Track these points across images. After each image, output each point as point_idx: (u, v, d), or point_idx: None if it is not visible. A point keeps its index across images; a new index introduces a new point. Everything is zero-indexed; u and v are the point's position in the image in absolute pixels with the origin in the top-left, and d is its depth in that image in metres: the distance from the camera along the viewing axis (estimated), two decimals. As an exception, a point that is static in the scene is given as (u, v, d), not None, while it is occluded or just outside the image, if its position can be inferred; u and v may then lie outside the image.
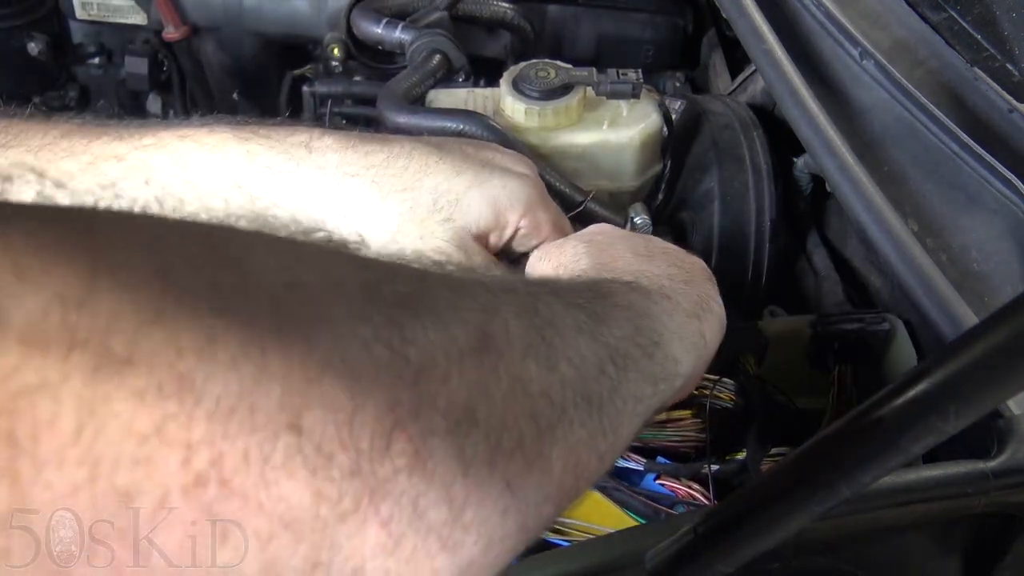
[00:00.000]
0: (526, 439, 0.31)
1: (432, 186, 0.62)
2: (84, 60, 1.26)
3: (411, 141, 0.65)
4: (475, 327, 0.31)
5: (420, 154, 0.63)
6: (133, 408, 0.21)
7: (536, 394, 0.32)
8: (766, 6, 0.89)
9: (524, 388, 0.32)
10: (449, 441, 0.27)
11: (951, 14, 0.81)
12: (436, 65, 0.90)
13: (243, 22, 1.18)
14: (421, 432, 0.26)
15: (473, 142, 0.72)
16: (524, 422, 0.31)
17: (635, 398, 0.40)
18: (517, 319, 0.33)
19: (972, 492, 0.56)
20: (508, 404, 0.30)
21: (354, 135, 0.64)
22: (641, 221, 0.80)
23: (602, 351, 0.38)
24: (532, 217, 0.63)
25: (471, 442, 0.28)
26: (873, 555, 0.60)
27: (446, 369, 0.28)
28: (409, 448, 0.26)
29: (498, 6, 1.10)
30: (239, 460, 0.22)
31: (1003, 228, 0.69)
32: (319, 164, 0.62)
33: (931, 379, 0.37)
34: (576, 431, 0.34)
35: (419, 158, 0.62)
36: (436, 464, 0.26)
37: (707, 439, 0.69)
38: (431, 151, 0.64)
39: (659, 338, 0.44)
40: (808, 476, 0.41)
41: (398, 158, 0.62)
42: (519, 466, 0.30)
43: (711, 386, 0.68)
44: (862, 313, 0.72)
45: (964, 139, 0.72)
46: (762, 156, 0.88)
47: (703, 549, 0.45)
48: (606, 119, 0.83)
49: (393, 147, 0.63)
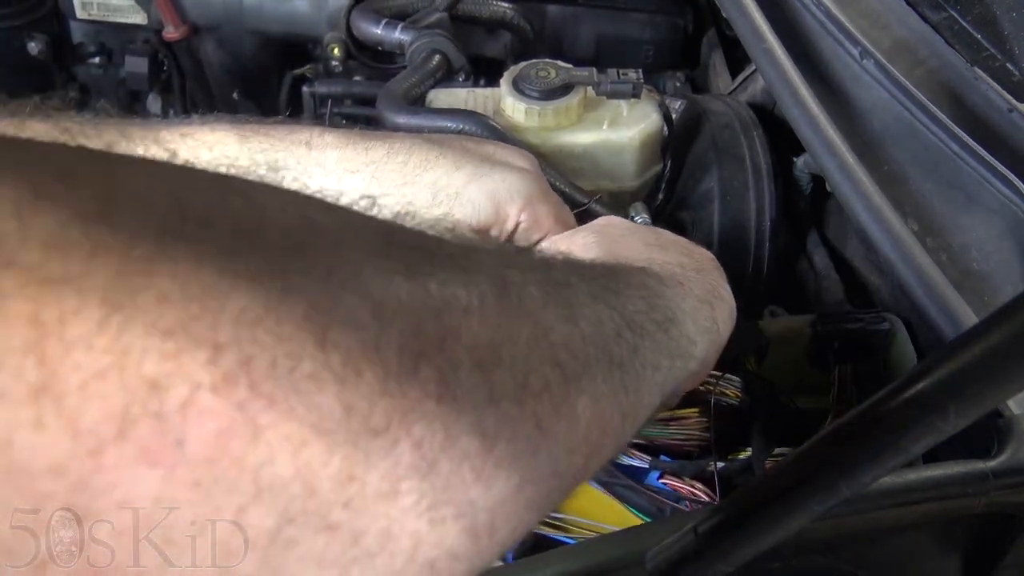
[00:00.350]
0: (552, 384, 0.31)
1: (431, 180, 0.62)
2: (84, 60, 1.25)
3: (411, 137, 0.65)
4: (494, 274, 0.31)
5: (420, 149, 0.63)
6: (158, 306, 0.21)
7: (559, 343, 0.32)
8: (766, 6, 0.89)
9: (546, 335, 0.32)
10: (476, 375, 0.27)
11: (951, 14, 0.81)
12: (436, 65, 0.90)
13: (243, 22, 1.18)
14: (448, 361, 0.26)
15: (474, 138, 0.72)
16: (549, 368, 0.31)
17: (653, 366, 0.39)
18: (533, 274, 0.34)
19: (972, 492, 0.56)
20: (532, 348, 0.30)
21: (355, 132, 0.65)
22: (641, 220, 0.80)
23: (618, 318, 0.38)
24: (532, 211, 0.63)
25: (498, 379, 0.28)
26: (873, 555, 0.60)
27: (468, 305, 0.28)
28: (436, 375, 0.25)
29: (498, 6, 1.10)
30: (267, 366, 0.22)
31: (1003, 228, 0.69)
32: (319, 161, 0.62)
33: (931, 379, 0.37)
34: (599, 385, 0.34)
35: (419, 153, 0.63)
36: (465, 394, 0.26)
37: (711, 438, 0.70)
38: (431, 147, 0.64)
39: (673, 316, 0.44)
40: (808, 476, 0.41)
41: (398, 153, 0.63)
42: (547, 409, 0.30)
43: (715, 382, 0.68)
44: (862, 313, 0.72)
45: (964, 139, 0.72)
46: (762, 156, 0.88)
47: (704, 548, 0.45)
48: (606, 119, 0.83)
49: (393, 143, 0.64)
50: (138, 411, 0.20)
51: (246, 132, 0.63)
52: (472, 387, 0.27)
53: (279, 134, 0.63)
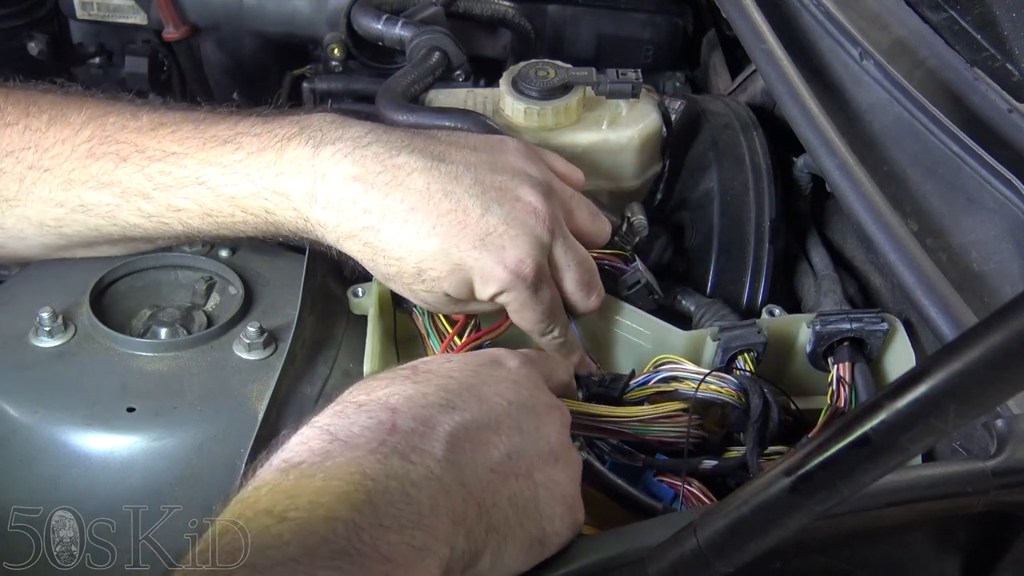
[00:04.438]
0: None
1: (416, 260, 0.66)
2: (84, 60, 1.25)
3: (419, 183, 0.66)
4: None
5: (415, 220, 0.65)
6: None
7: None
8: (766, 6, 0.89)
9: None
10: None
11: (951, 14, 0.81)
12: (435, 63, 0.90)
13: (243, 22, 1.18)
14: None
15: (467, 135, 0.73)
16: None
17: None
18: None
19: (972, 492, 0.56)
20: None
21: (359, 182, 0.66)
22: (638, 221, 0.80)
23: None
24: (502, 298, 0.67)
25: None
26: (873, 555, 0.60)
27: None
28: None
29: (499, 4, 1.10)
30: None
31: (1003, 228, 0.69)
32: (321, 222, 0.67)
33: (930, 379, 0.37)
34: None
35: (413, 225, 0.65)
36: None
37: (696, 434, 0.69)
38: (424, 220, 0.65)
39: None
40: (808, 476, 0.41)
41: (394, 222, 0.66)
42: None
43: (700, 379, 0.68)
44: (862, 313, 0.72)
45: (964, 139, 0.72)
46: (762, 156, 0.88)
47: (703, 548, 0.45)
48: (605, 119, 0.83)
49: (391, 202, 0.66)
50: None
51: (265, 194, 0.69)
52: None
53: (293, 194, 0.68)
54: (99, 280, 0.78)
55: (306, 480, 0.45)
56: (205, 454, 0.68)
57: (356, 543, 0.43)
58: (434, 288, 0.67)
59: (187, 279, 0.82)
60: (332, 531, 0.43)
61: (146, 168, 0.69)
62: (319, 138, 0.67)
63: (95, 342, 0.74)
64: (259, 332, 0.74)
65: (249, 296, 0.80)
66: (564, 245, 0.69)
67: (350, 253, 0.68)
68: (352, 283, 0.82)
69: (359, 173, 0.66)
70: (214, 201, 0.69)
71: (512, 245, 0.66)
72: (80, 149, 0.70)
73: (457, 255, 0.65)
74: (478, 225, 0.66)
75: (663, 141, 0.87)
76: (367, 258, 0.67)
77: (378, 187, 0.65)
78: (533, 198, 0.68)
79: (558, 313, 0.71)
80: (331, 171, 0.66)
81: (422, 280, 0.67)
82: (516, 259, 0.66)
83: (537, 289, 0.68)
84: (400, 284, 0.68)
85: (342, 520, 0.43)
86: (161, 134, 0.70)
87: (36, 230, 0.73)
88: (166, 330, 0.76)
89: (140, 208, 0.70)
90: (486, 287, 0.67)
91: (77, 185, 0.70)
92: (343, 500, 0.44)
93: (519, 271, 0.66)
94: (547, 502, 0.53)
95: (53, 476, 0.67)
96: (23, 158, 0.70)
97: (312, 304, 0.78)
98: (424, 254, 0.65)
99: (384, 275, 0.68)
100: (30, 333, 0.74)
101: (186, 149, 0.69)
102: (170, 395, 0.71)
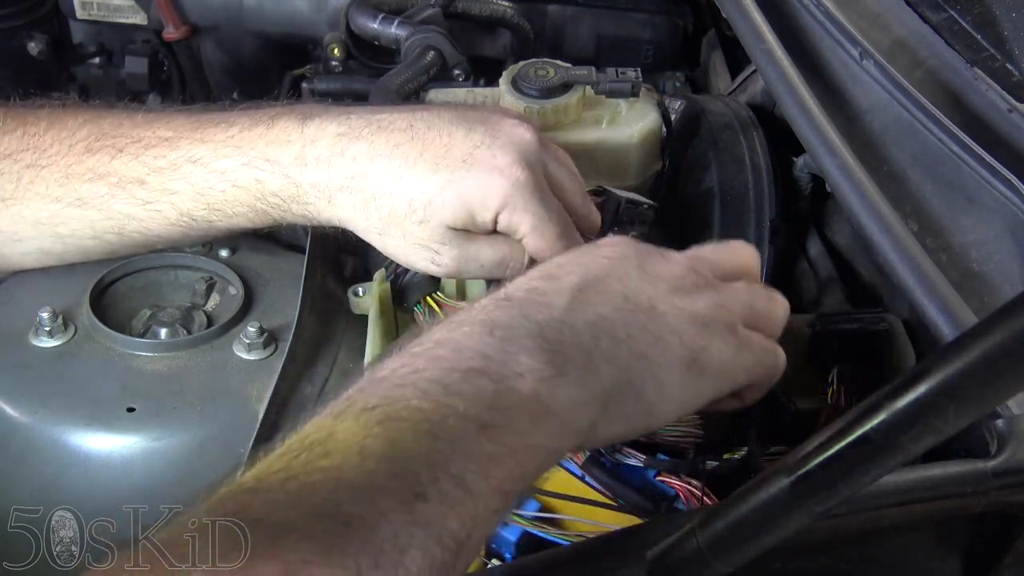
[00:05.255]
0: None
1: (406, 189, 0.65)
2: (84, 60, 1.25)
3: (402, 124, 0.67)
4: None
5: (400, 153, 0.66)
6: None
7: None
8: (766, 6, 0.89)
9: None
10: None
11: (951, 14, 0.81)
12: (430, 61, 0.91)
13: (243, 22, 1.18)
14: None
15: (475, 108, 0.74)
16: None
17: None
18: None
19: (972, 492, 0.56)
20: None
21: (345, 137, 0.67)
22: None
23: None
24: (507, 216, 0.66)
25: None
26: (873, 555, 0.60)
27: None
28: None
29: (498, 4, 1.10)
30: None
31: (1003, 228, 0.69)
32: (312, 182, 0.68)
33: (930, 379, 0.37)
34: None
35: (399, 158, 0.66)
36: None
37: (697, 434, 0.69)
38: (413, 144, 0.66)
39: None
40: (808, 476, 0.41)
41: (380, 160, 0.66)
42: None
43: None
44: (862, 313, 0.72)
45: (964, 139, 0.72)
46: (762, 156, 0.88)
47: (704, 548, 0.45)
48: (605, 118, 0.83)
49: (377, 145, 0.66)
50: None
51: (257, 162, 0.69)
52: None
53: (281, 159, 0.68)
54: (99, 280, 0.78)
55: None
56: (205, 454, 0.68)
57: (492, 363, 0.49)
58: (431, 219, 0.65)
59: (187, 279, 0.82)
60: (470, 357, 0.49)
61: (141, 155, 0.70)
62: (308, 112, 0.69)
63: (95, 342, 0.74)
64: (259, 332, 0.74)
65: (249, 296, 0.80)
66: (556, 161, 0.69)
67: (343, 212, 0.68)
68: (352, 283, 0.82)
69: (345, 131, 0.67)
70: (205, 179, 0.69)
71: (502, 153, 0.65)
72: (77, 147, 0.71)
73: (447, 174, 0.65)
74: (463, 144, 0.66)
75: (663, 141, 0.87)
76: (360, 210, 0.67)
77: (364, 137, 0.67)
78: (518, 124, 0.68)
79: (572, 231, 0.69)
80: (319, 134, 0.68)
81: (416, 215, 0.65)
82: (508, 163, 0.65)
83: (543, 195, 0.66)
84: (398, 232, 0.67)
85: (479, 352, 0.49)
86: (156, 125, 0.71)
87: (32, 230, 0.73)
88: (166, 330, 0.76)
89: (134, 195, 0.70)
90: (486, 204, 0.65)
91: (74, 179, 0.70)
92: (473, 337, 0.50)
93: (515, 175, 0.65)
94: (678, 326, 0.56)
95: (53, 476, 0.67)
96: (21, 159, 0.71)
97: (312, 304, 0.78)
98: (412, 180, 0.65)
99: (379, 227, 0.67)
100: (30, 333, 0.74)
101: (179, 133, 0.70)
102: (170, 395, 0.71)
